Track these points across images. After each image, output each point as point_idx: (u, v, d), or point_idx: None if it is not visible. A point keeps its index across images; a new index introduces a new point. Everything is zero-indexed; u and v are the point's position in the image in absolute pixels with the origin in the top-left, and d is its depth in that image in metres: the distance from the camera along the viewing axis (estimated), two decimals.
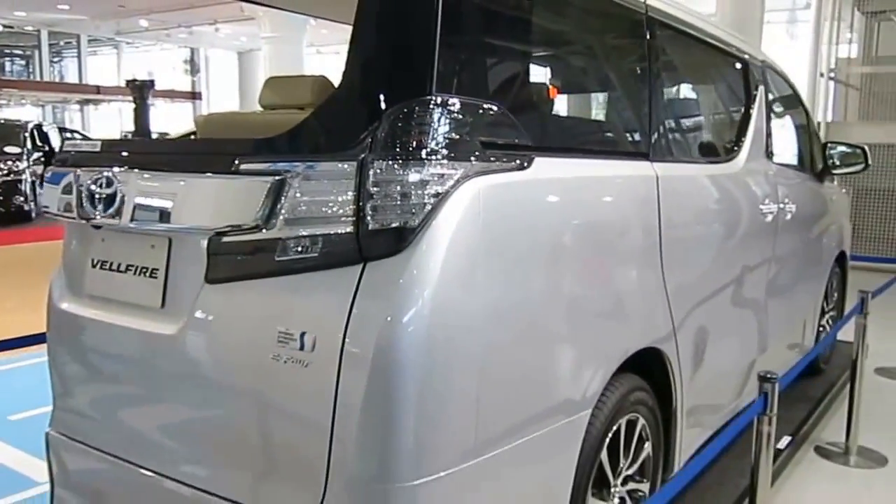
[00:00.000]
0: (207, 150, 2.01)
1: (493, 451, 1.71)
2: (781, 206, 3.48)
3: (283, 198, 1.64)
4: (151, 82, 15.40)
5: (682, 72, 2.99)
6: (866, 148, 4.30)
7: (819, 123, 10.63)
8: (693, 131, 3.06)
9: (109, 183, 1.96)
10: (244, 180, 1.71)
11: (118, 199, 1.93)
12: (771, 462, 2.43)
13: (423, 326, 1.55)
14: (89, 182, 2.00)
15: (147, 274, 1.94)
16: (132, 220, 1.91)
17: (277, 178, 1.65)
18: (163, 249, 1.91)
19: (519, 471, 1.82)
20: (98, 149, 2.13)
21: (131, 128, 17.58)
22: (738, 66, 3.35)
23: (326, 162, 1.62)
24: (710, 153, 3.08)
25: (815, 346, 4.51)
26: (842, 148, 4.43)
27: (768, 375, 2.38)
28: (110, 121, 29.01)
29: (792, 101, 4.22)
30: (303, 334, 1.60)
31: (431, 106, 1.61)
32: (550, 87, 2.08)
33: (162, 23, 21.74)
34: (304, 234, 1.62)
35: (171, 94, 27.13)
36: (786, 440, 3.72)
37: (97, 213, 1.98)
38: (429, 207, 1.57)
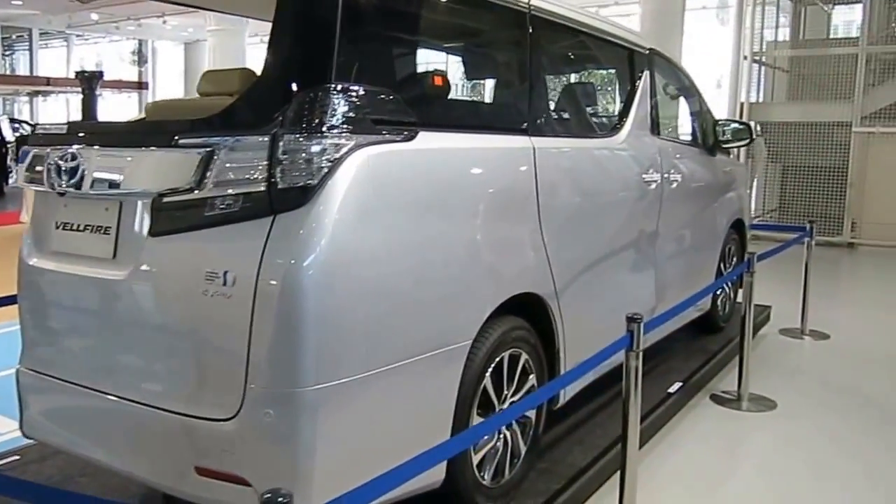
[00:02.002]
0: (153, 130, 2.48)
1: (382, 367, 2.14)
2: (666, 175, 3.94)
3: (211, 165, 2.05)
4: (100, 73, 15.44)
5: (563, 60, 3.47)
6: (751, 124, 4.77)
7: (742, 104, 11.18)
8: (573, 111, 3.51)
9: (73, 158, 2.38)
10: (181, 152, 2.13)
11: (80, 171, 2.35)
12: (639, 394, 2.83)
13: (320, 264, 1.97)
14: (57, 157, 2.42)
15: (102, 231, 2.35)
16: (91, 187, 2.33)
17: (208, 149, 2.07)
18: (115, 211, 2.33)
19: (405, 386, 2.25)
20: (65, 131, 2.55)
21: (79, 117, 17.63)
22: (623, 54, 3.82)
23: (247, 137, 2.05)
24: (590, 129, 3.56)
25: (710, 304, 5.00)
26: (734, 125, 4.91)
27: (634, 316, 2.80)
28: (59, 111, 28.81)
29: (683, 85, 4.71)
30: (226, 272, 2.02)
31: (330, 91, 2.06)
32: (436, 74, 2.52)
33: (111, 16, 21.60)
34: (228, 193, 2.04)
35: (118, 85, 27.01)
36: (677, 385, 4.18)
37: (63, 182, 2.39)
38: (325, 170, 2.00)
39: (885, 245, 10.03)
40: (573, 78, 3.82)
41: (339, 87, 2.08)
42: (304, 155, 1.99)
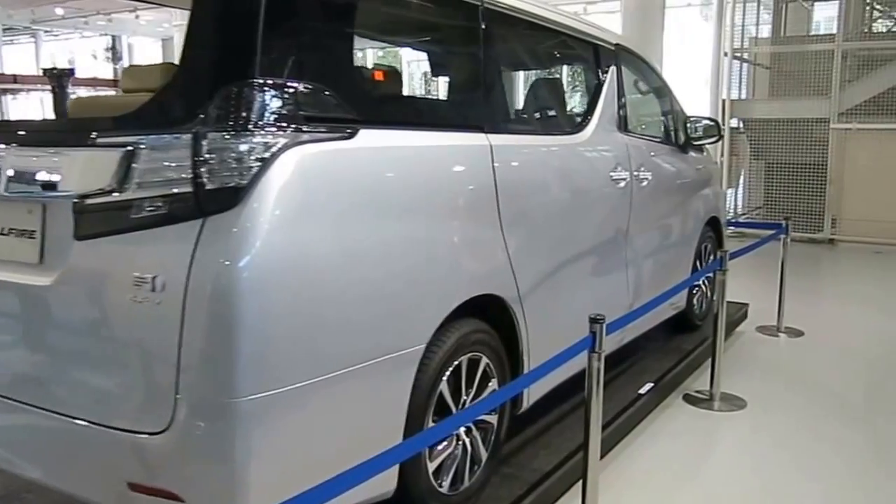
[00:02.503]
0: (73, 128, 2.36)
1: (324, 375, 2.04)
2: (636, 173, 3.86)
3: (134, 165, 1.95)
4: (71, 70, 15.21)
5: (523, 55, 3.37)
6: (719, 121, 4.71)
7: (724, 101, 11.17)
8: (535, 108, 3.43)
9: None
10: (101, 152, 2.03)
11: None
12: (601, 396, 2.77)
13: (252, 268, 1.87)
14: None
15: (26, 235, 2.24)
16: (7, 189, 2.22)
17: (128, 149, 1.96)
18: (38, 213, 2.21)
19: (351, 394, 2.16)
20: None
21: (52, 116, 17.43)
22: (587, 49, 3.72)
23: (168, 135, 1.94)
24: (554, 126, 3.47)
25: (686, 302, 4.94)
26: (705, 121, 4.84)
27: (597, 317, 2.72)
28: (31, 109, 28.36)
29: (653, 81, 4.63)
30: (154, 278, 1.91)
31: (257, 86, 1.95)
32: (378, 68, 2.41)
33: (78, 10, 21.22)
34: (154, 195, 1.93)
35: (93, 83, 26.62)
36: (648, 386, 4.12)
37: None
38: (255, 171, 1.90)
39: (864, 241, 10.02)
40: (535, 74, 3.73)
41: (267, 82, 1.97)
42: (231, 154, 1.88)
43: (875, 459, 3.61)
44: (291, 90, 2.03)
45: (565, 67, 3.74)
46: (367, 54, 2.60)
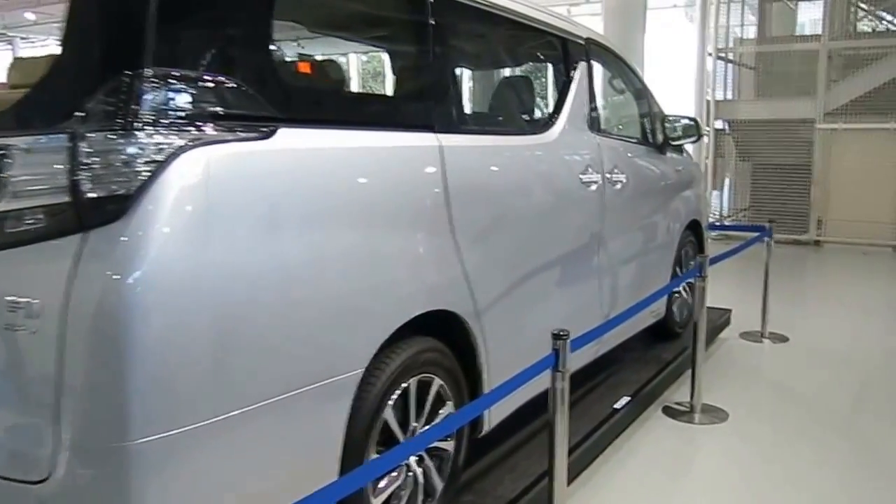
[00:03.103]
0: None
1: (236, 410, 1.77)
2: (608, 175, 3.63)
3: (5, 172, 1.68)
4: None
5: (480, 49, 3.10)
6: (699, 120, 4.50)
7: (708, 102, 11.02)
8: (495, 106, 3.17)
9: None
10: None
11: None
12: (566, 418, 2.54)
13: (143, 290, 1.60)
14: None
15: None
16: None
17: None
18: None
19: (271, 430, 1.89)
20: None
21: None
22: (555, 44, 3.47)
23: (45, 135, 1.67)
24: (516, 125, 3.22)
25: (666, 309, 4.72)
26: (684, 121, 4.62)
27: (560, 333, 2.49)
28: None
29: (628, 79, 4.39)
30: (30, 302, 1.65)
31: (147, 79, 1.67)
32: (303, 60, 2.15)
33: (51, 16, 20.76)
34: (28, 206, 1.67)
35: None
36: (624, 400, 3.90)
37: None
38: (145, 176, 1.63)
39: (849, 242, 9.95)
40: (496, 70, 3.47)
41: (162, 73, 1.68)
42: (116, 157, 1.62)
43: (863, 471, 3.45)
44: (193, 83, 1.75)
45: (531, 62, 3.47)
46: (289, 43, 2.29)
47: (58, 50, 1.78)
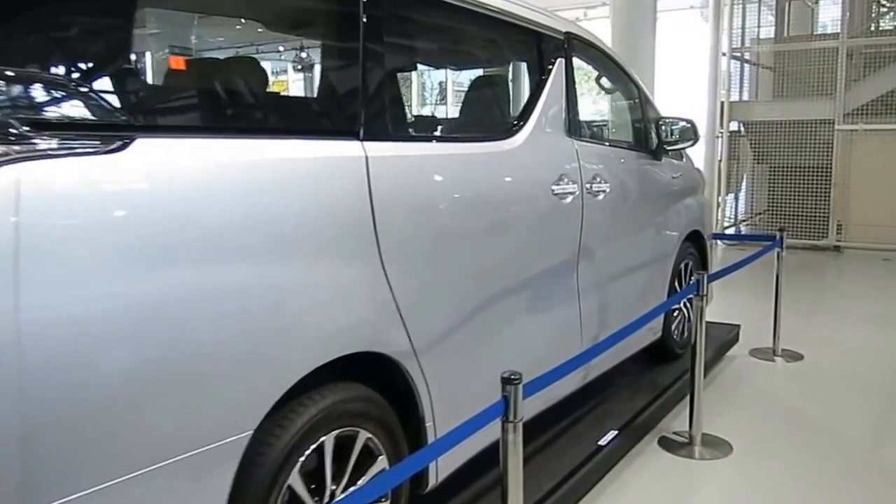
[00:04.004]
0: None
1: (72, 494, 1.41)
2: (588, 185, 3.24)
3: None
4: None
5: (425, 43, 2.69)
6: (695, 122, 4.09)
7: (722, 103, 10.62)
8: (447, 109, 2.79)
9: None
10: None
11: None
12: (520, 473, 2.16)
13: None
14: None
15: None
16: None
17: None
18: None
19: None
20: None
21: None
22: (526, 38, 3.06)
23: None
24: (472, 131, 2.80)
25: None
26: (681, 123, 4.21)
27: (511, 377, 2.10)
28: None
29: (617, 77, 3.98)
30: None
31: None
32: (174, 54, 1.76)
33: None
34: None
35: None
36: (611, 435, 3.50)
37: None
38: None
39: (871, 248, 9.55)
40: (450, 68, 3.07)
41: None
42: None
43: None
44: (12, 84, 1.41)
45: (495, 59, 3.07)
46: (159, 33, 1.88)
47: None
